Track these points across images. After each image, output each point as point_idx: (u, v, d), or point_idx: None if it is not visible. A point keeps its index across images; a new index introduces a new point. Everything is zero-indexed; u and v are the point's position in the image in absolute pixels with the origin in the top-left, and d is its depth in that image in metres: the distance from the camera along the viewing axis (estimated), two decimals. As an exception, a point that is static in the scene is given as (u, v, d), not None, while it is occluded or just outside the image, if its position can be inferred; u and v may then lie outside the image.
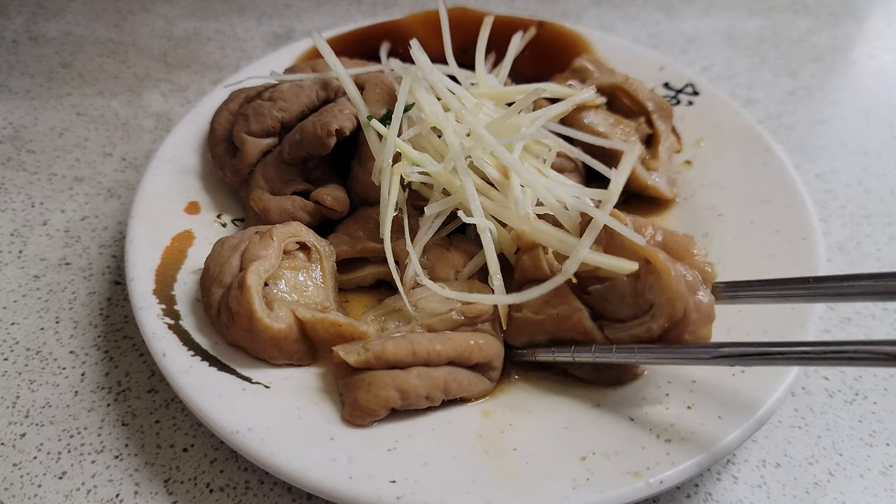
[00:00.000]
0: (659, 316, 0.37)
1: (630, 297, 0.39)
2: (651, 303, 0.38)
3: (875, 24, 0.89)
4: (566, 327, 0.40)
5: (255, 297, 0.41)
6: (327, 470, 0.36)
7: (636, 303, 0.39)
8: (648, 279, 0.38)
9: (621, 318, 0.40)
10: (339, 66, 0.51)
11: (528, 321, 0.42)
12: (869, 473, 0.43)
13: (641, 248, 0.38)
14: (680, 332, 0.37)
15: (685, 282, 0.37)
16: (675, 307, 0.36)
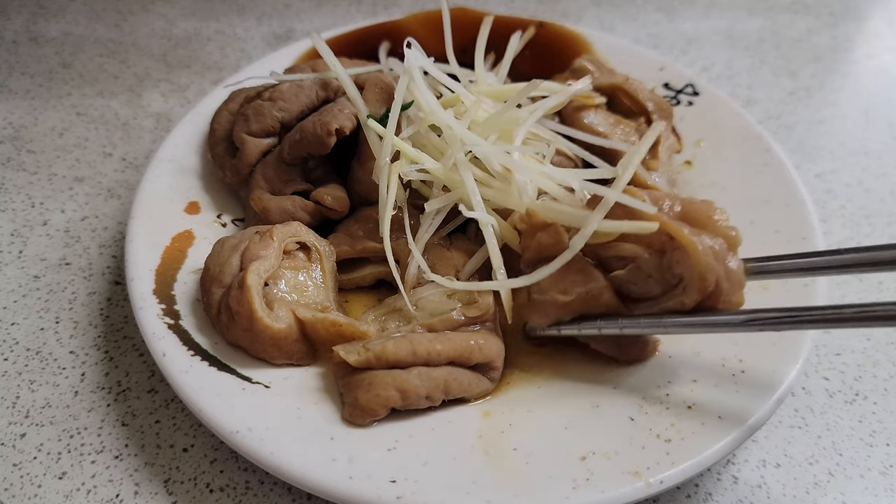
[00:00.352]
0: (690, 290, 0.36)
1: (657, 274, 0.38)
2: (680, 276, 0.37)
3: (875, 24, 0.89)
4: (595, 305, 0.39)
5: (256, 297, 0.41)
6: (327, 470, 0.36)
7: (664, 279, 0.38)
8: (674, 255, 0.37)
9: (650, 296, 0.39)
10: (339, 66, 0.51)
11: (555, 303, 0.40)
12: (869, 473, 0.43)
13: (662, 223, 0.37)
14: (713, 303, 0.37)
15: (713, 253, 0.36)
16: (706, 280, 0.35)
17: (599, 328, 0.39)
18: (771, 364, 0.42)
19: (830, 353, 0.50)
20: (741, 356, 0.43)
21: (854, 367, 0.49)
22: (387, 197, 0.46)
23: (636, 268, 0.38)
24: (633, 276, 0.39)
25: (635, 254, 0.38)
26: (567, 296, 0.40)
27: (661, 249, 0.37)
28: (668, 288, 0.38)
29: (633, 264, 0.39)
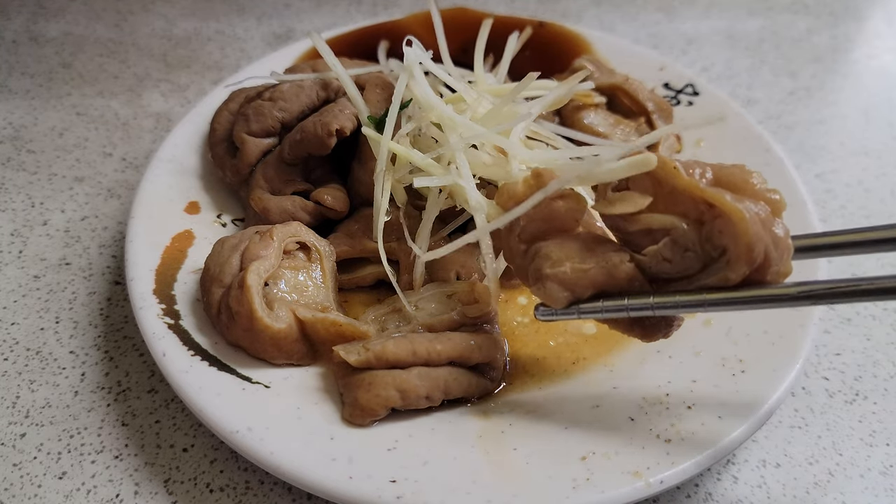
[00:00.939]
0: (736, 263, 0.32)
1: (695, 247, 0.33)
2: (723, 248, 0.32)
3: (875, 24, 0.89)
4: (617, 280, 0.34)
5: (256, 297, 0.41)
6: (327, 470, 0.36)
7: (704, 251, 0.33)
8: (716, 224, 0.32)
9: (687, 273, 0.34)
10: (339, 66, 0.51)
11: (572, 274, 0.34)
12: (869, 473, 0.43)
13: (701, 191, 0.32)
14: (761, 276, 0.32)
15: (760, 220, 0.32)
16: (755, 251, 0.31)
17: (627, 309, 0.34)
18: (771, 364, 0.42)
19: (830, 353, 0.50)
20: (741, 356, 0.43)
21: (854, 367, 0.49)
22: (381, 202, 0.46)
23: (672, 241, 0.33)
24: (668, 251, 0.33)
25: (669, 225, 0.33)
26: (585, 264, 0.34)
27: (700, 220, 0.33)
28: (708, 261, 0.33)
29: (668, 238, 0.33)
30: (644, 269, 0.34)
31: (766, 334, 0.44)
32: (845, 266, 0.57)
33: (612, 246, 0.35)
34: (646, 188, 0.35)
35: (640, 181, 0.34)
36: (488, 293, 0.44)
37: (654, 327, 0.36)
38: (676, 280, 0.34)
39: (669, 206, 0.34)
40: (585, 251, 0.35)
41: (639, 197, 0.34)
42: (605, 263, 0.34)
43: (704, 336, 0.45)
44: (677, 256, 0.33)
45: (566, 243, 0.35)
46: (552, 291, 0.35)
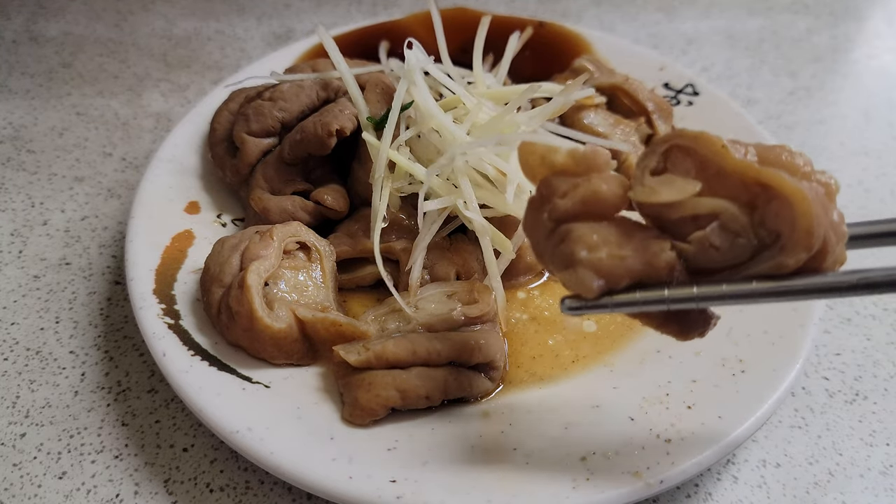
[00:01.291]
0: (793, 248, 0.29)
1: (747, 233, 0.30)
2: (776, 233, 0.29)
3: (875, 24, 0.89)
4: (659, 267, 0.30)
5: (256, 297, 0.41)
6: (327, 469, 0.36)
7: (757, 236, 0.30)
8: (770, 207, 0.29)
9: (736, 263, 0.30)
10: (343, 62, 0.51)
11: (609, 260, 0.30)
12: (869, 473, 0.43)
13: (756, 171, 0.29)
14: (819, 263, 0.29)
15: (820, 203, 0.29)
16: (815, 236, 0.28)
17: (667, 301, 0.30)
18: (771, 364, 0.42)
19: (830, 353, 0.50)
20: (741, 356, 0.43)
21: (854, 367, 0.49)
22: (379, 208, 0.46)
23: (720, 227, 0.30)
24: (716, 237, 0.30)
25: (719, 209, 0.30)
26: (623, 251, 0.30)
27: (751, 203, 0.29)
28: (761, 248, 0.30)
29: (717, 223, 0.30)
30: (687, 258, 0.30)
31: (766, 334, 0.44)
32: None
33: (652, 233, 0.31)
34: (688, 170, 0.31)
35: (682, 162, 0.31)
36: (488, 293, 0.44)
37: (692, 323, 0.32)
38: (721, 271, 0.30)
39: (715, 189, 0.30)
40: (622, 236, 0.31)
41: (684, 182, 0.30)
42: (644, 251, 0.30)
43: (704, 336, 0.45)
44: (726, 243, 0.30)
45: (601, 227, 0.30)
46: (585, 279, 0.30)
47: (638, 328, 0.48)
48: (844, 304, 0.54)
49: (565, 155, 0.32)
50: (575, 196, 0.31)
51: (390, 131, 0.47)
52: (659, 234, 0.31)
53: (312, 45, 0.65)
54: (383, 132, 0.48)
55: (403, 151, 0.48)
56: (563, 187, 0.31)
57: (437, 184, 0.46)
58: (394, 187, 0.47)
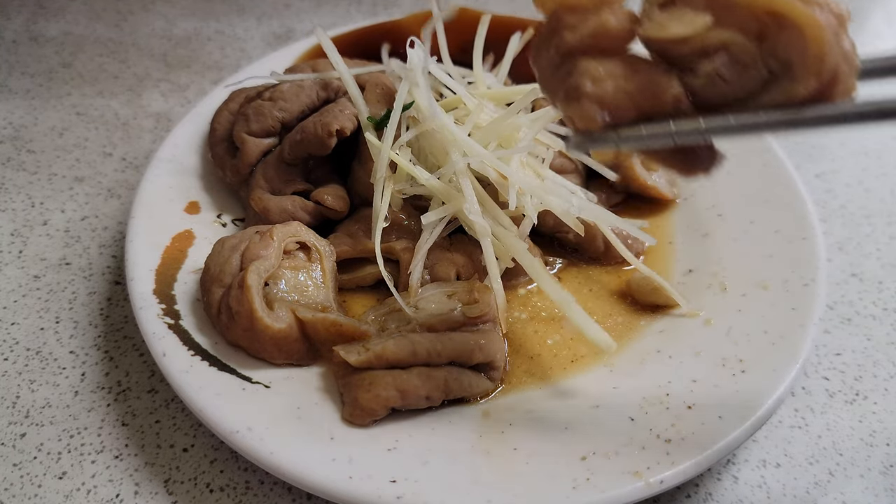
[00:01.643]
0: (804, 77, 0.28)
1: (756, 63, 0.29)
2: (787, 62, 0.28)
3: (875, 24, 0.89)
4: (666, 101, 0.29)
5: (256, 297, 0.41)
6: (327, 470, 0.36)
7: (767, 67, 0.29)
8: (780, 37, 0.28)
9: (744, 94, 0.29)
10: (342, 63, 0.51)
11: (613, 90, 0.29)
12: (869, 473, 0.43)
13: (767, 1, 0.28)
14: (829, 94, 0.28)
15: (832, 30, 0.28)
16: (826, 63, 0.27)
17: (673, 135, 0.29)
18: (771, 364, 0.42)
19: (830, 352, 0.50)
20: (741, 356, 0.43)
21: (854, 367, 0.49)
22: (380, 209, 0.46)
23: (730, 58, 0.29)
24: (725, 68, 0.29)
25: (728, 41, 0.29)
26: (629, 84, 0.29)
27: (762, 34, 0.28)
28: (771, 79, 0.29)
29: (726, 55, 0.29)
30: (695, 92, 0.30)
31: (766, 334, 0.44)
32: (845, 266, 0.57)
33: (660, 67, 0.30)
34: (697, 2, 0.29)
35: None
36: (488, 293, 0.44)
37: (697, 158, 0.31)
38: (730, 105, 0.30)
39: (724, 20, 0.29)
40: (629, 70, 0.30)
41: (694, 14, 0.29)
42: (650, 84, 0.29)
43: (704, 336, 0.45)
44: (735, 75, 0.29)
45: (608, 61, 0.30)
46: (589, 111, 0.30)
47: (638, 328, 0.48)
48: (845, 305, 0.54)
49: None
50: (583, 29, 0.30)
51: (392, 132, 0.47)
52: (667, 69, 0.30)
53: (312, 46, 0.65)
54: (384, 132, 0.47)
55: (405, 152, 0.48)
56: (572, 20, 0.30)
57: (439, 187, 0.46)
58: (395, 189, 0.47)
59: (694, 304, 0.48)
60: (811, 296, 0.45)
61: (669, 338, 0.46)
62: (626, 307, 0.49)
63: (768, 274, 0.48)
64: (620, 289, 0.51)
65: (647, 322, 0.48)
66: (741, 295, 0.48)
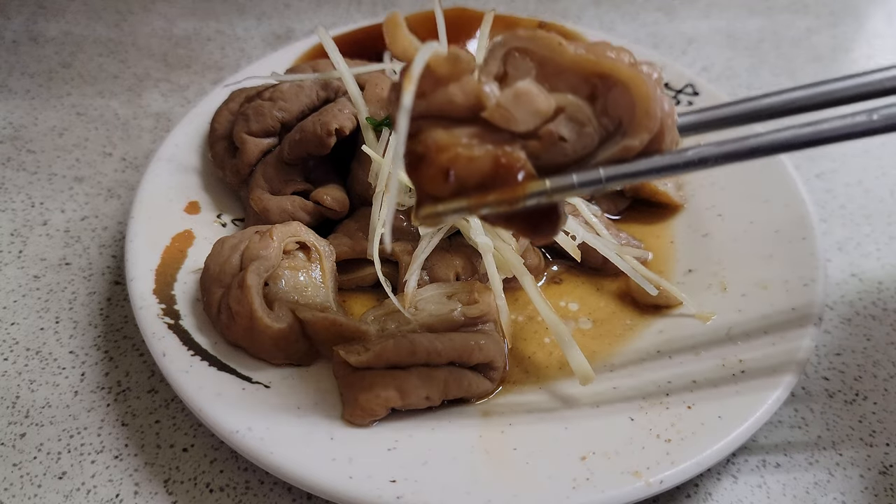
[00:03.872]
0: (637, 131, 0.30)
1: (590, 121, 0.31)
2: (618, 120, 0.31)
3: (875, 24, 0.89)
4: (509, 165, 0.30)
5: (256, 297, 0.41)
6: (327, 469, 0.36)
7: (601, 125, 0.31)
8: (611, 95, 0.31)
9: (585, 153, 0.31)
10: (342, 62, 0.51)
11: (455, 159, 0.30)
12: (869, 474, 0.43)
13: (594, 63, 0.30)
14: (659, 145, 0.31)
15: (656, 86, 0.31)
16: (654, 117, 0.30)
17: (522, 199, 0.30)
18: (770, 364, 0.42)
19: (830, 352, 0.50)
20: (741, 356, 0.43)
21: (854, 367, 0.49)
22: (378, 222, 0.46)
23: (567, 118, 0.31)
24: (564, 128, 0.31)
25: (563, 103, 0.31)
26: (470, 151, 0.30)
27: (593, 94, 0.31)
28: (605, 137, 0.31)
29: (563, 114, 0.31)
30: (537, 156, 0.31)
31: (765, 334, 0.44)
32: (845, 266, 0.57)
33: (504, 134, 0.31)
34: (528, 70, 0.31)
35: (522, 64, 0.31)
36: (488, 293, 0.44)
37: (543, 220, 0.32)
38: (571, 164, 0.32)
39: (557, 85, 0.31)
40: (473, 137, 0.30)
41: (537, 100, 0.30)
42: (494, 151, 0.30)
43: (704, 336, 0.45)
44: (574, 134, 0.31)
45: (453, 128, 0.31)
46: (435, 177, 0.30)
47: (638, 328, 0.48)
48: (844, 305, 0.54)
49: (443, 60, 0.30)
50: (431, 100, 0.31)
51: (393, 146, 0.47)
52: (511, 136, 0.31)
53: (312, 46, 0.65)
54: (386, 146, 0.47)
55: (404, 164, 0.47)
56: (423, 86, 0.30)
57: None
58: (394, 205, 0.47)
59: (694, 304, 0.48)
60: (811, 296, 0.45)
61: (669, 338, 0.46)
62: (627, 307, 0.49)
63: (768, 274, 0.48)
64: (621, 289, 0.51)
65: (647, 322, 0.48)
66: (741, 295, 0.48)
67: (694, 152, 0.32)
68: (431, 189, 0.31)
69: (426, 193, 0.31)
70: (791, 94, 0.33)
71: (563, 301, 0.50)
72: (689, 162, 0.32)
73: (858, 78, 0.33)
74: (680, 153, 0.32)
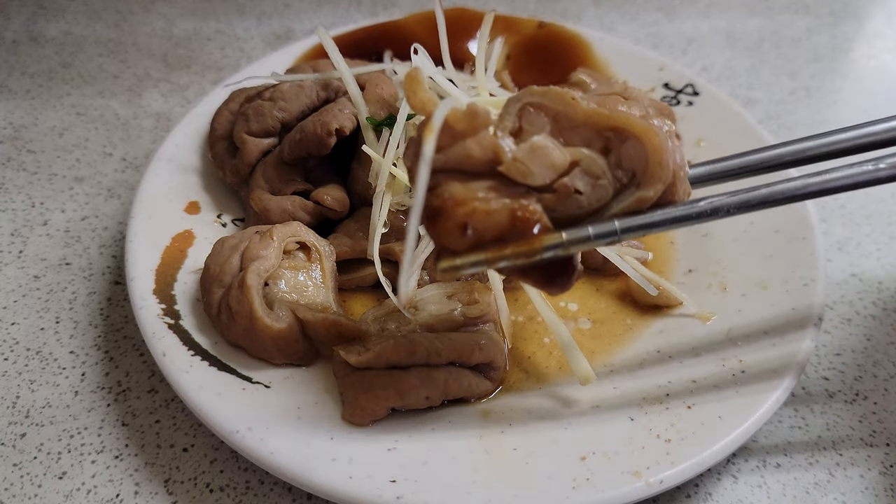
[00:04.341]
0: (650, 182, 0.31)
1: (605, 174, 0.32)
2: (632, 172, 0.32)
3: (875, 24, 0.89)
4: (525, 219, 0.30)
5: (256, 297, 0.41)
6: (327, 470, 0.36)
7: (615, 177, 0.32)
8: (624, 148, 0.32)
9: (600, 205, 0.32)
10: (342, 62, 0.51)
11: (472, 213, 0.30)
12: (869, 474, 0.43)
13: (606, 117, 0.31)
14: (672, 196, 0.32)
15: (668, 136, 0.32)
16: (667, 168, 0.31)
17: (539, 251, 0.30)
18: (771, 364, 0.42)
19: (830, 352, 0.50)
20: (741, 356, 0.43)
21: (854, 367, 0.49)
22: (378, 222, 0.46)
23: (582, 171, 0.32)
24: (579, 181, 0.31)
25: (577, 157, 0.32)
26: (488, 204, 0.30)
27: (606, 147, 0.32)
28: (620, 189, 0.32)
29: (578, 168, 0.32)
30: (553, 209, 0.32)
31: (766, 335, 0.44)
32: (845, 266, 0.57)
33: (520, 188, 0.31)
34: (543, 125, 0.32)
35: (536, 119, 0.32)
36: (488, 293, 0.44)
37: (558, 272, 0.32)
38: (586, 216, 0.32)
39: (571, 140, 0.32)
40: (493, 191, 0.31)
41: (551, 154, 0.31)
42: (511, 206, 0.30)
43: (704, 336, 0.45)
44: (588, 187, 0.32)
45: (473, 182, 0.31)
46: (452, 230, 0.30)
47: (638, 328, 0.48)
48: (844, 305, 0.54)
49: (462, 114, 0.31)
50: (449, 154, 0.31)
51: (393, 145, 0.47)
52: (527, 190, 0.31)
53: (312, 46, 0.65)
54: (386, 146, 0.47)
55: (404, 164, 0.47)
56: (441, 140, 0.31)
57: None
58: (394, 201, 0.48)
59: (694, 304, 0.48)
60: (811, 296, 0.45)
61: (669, 338, 0.46)
62: (627, 307, 0.49)
63: (768, 274, 0.48)
64: (621, 289, 0.51)
65: (647, 322, 0.48)
66: (741, 295, 0.48)
67: (707, 203, 0.33)
68: (449, 242, 0.31)
69: (443, 246, 0.31)
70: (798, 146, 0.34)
71: (563, 301, 0.50)
72: (701, 212, 0.33)
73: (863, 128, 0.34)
74: (692, 204, 0.33)
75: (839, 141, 0.35)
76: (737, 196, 0.33)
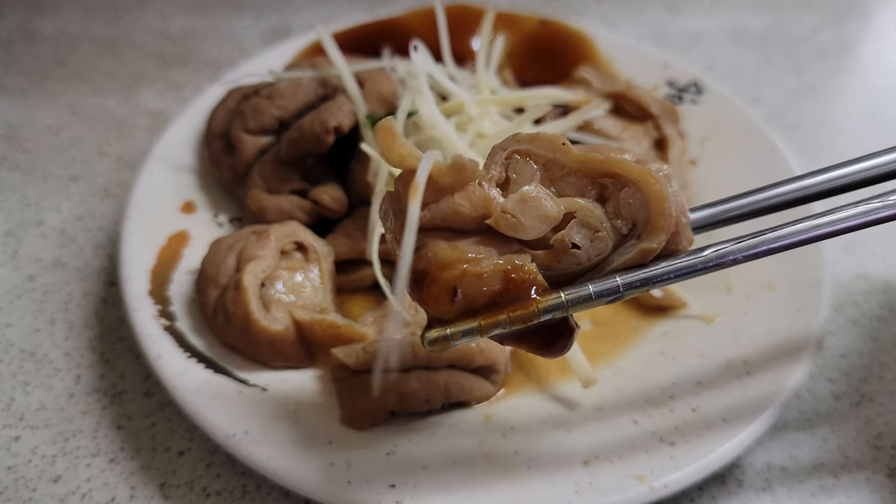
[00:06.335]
0: (653, 233, 0.28)
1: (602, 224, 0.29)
2: (632, 221, 0.29)
3: (881, 22, 0.88)
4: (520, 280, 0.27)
5: (252, 298, 0.40)
6: (325, 474, 0.36)
7: (614, 228, 0.29)
8: (622, 195, 0.29)
9: (599, 259, 0.29)
10: (341, 59, 0.51)
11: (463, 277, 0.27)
12: (875, 476, 0.42)
13: (602, 163, 0.29)
14: (675, 245, 0.30)
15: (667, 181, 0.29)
16: (669, 216, 0.28)
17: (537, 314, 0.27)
18: (776, 366, 0.41)
19: (836, 354, 0.50)
20: (746, 358, 0.42)
21: (860, 369, 0.49)
22: (377, 223, 0.45)
23: (578, 224, 0.29)
24: (576, 235, 0.29)
25: (572, 207, 0.29)
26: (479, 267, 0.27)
27: (602, 195, 0.29)
28: (620, 240, 0.29)
29: (574, 220, 0.29)
30: (550, 266, 0.29)
31: (771, 336, 0.43)
32: (851, 267, 0.56)
33: (513, 245, 0.29)
34: (532, 174, 0.29)
35: (525, 168, 0.29)
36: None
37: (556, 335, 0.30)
38: (585, 272, 0.29)
39: (564, 189, 0.29)
40: (482, 250, 0.28)
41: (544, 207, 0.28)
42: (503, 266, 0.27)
43: (709, 338, 0.45)
44: (587, 240, 0.29)
45: (460, 240, 0.28)
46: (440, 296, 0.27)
47: (642, 330, 0.47)
48: (850, 306, 0.53)
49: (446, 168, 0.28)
50: (434, 211, 0.28)
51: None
52: (520, 248, 0.29)
53: (310, 42, 0.64)
54: None
55: None
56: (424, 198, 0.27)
57: None
58: None
59: (699, 305, 0.47)
60: (816, 297, 0.45)
61: (673, 340, 0.45)
62: (631, 308, 0.49)
63: (773, 275, 0.47)
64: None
65: (651, 324, 0.47)
66: (746, 296, 0.47)
67: (712, 251, 0.30)
68: (436, 310, 0.28)
69: (430, 313, 0.28)
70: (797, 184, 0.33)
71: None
72: (707, 262, 0.30)
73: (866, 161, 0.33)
74: (698, 253, 0.30)
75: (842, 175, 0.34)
76: (743, 241, 0.31)
